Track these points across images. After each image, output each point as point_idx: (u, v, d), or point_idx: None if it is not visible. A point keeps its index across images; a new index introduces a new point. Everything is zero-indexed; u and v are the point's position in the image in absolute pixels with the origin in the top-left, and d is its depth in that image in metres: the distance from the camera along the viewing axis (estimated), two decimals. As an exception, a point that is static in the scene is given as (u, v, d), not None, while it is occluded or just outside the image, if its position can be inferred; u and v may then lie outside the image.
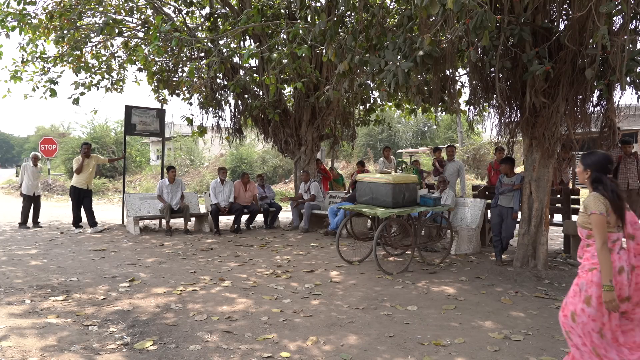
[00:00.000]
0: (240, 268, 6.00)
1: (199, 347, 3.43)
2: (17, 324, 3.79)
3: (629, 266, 2.66)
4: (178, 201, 8.96)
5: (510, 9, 4.98)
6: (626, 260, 2.67)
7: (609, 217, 2.66)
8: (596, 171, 2.78)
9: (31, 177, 9.37)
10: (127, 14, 9.07)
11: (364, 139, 32.07)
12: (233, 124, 10.26)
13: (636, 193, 6.81)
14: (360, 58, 5.37)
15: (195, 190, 18.04)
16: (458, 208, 7.60)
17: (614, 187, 2.71)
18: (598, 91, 5.45)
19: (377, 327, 3.89)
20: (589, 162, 2.82)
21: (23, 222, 9.25)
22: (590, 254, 2.74)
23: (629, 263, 2.67)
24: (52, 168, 21.23)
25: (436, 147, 10.02)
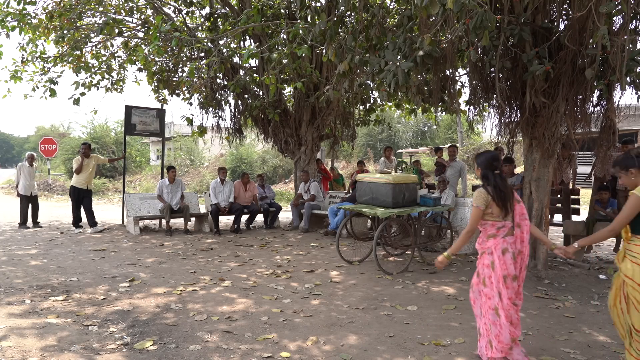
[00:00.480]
0: (240, 268, 6.00)
1: (199, 347, 3.43)
2: (17, 324, 3.79)
3: (513, 249, 3.07)
4: (178, 201, 8.96)
5: (510, 9, 4.97)
6: (511, 244, 3.08)
7: (491, 209, 3.10)
8: (484, 169, 3.15)
9: (27, 177, 9.35)
10: (127, 14, 9.07)
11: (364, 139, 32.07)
12: (233, 124, 10.26)
13: None
14: (360, 58, 5.37)
15: (195, 190, 18.04)
16: (458, 208, 7.60)
17: (497, 183, 3.09)
18: (598, 91, 5.45)
19: (377, 327, 3.89)
20: (478, 161, 3.22)
21: (23, 222, 9.25)
22: (481, 240, 3.20)
23: (514, 247, 3.09)
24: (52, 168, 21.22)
25: (437, 147, 10.03)
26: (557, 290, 5.10)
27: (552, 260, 6.39)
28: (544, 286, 5.26)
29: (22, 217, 9.26)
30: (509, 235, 3.11)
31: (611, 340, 3.70)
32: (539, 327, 3.97)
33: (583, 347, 3.55)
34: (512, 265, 3.05)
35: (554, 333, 3.83)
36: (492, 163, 3.15)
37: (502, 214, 3.09)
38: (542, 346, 3.55)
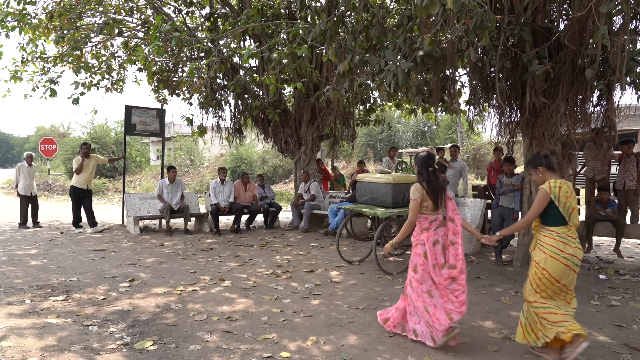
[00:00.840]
0: (240, 268, 6.00)
1: (199, 347, 3.43)
2: (17, 324, 3.79)
3: (444, 240, 3.51)
4: (178, 201, 8.96)
5: (510, 9, 4.98)
6: (442, 236, 3.52)
7: (425, 203, 3.54)
8: (419, 167, 3.63)
9: (27, 177, 9.35)
10: (127, 14, 9.08)
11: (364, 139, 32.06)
12: (233, 124, 10.26)
13: (633, 193, 6.80)
14: (360, 58, 5.37)
15: (195, 190, 18.05)
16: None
17: (429, 179, 3.56)
18: (598, 91, 5.45)
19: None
20: (416, 160, 3.71)
21: (23, 223, 9.25)
22: (416, 233, 3.60)
23: (446, 238, 3.52)
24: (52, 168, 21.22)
25: (439, 147, 10.03)
26: (557, 290, 5.09)
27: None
28: (544, 286, 5.26)
29: (22, 217, 9.26)
30: (441, 227, 3.54)
31: (611, 340, 3.70)
32: (539, 327, 3.97)
33: (583, 347, 3.55)
34: (442, 255, 3.50)
35: (554, 333, 3.82)
36: (427, 162, 3.62)
37: (434, 207, 3.54)
38: (542, 346, 3.55)
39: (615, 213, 6.53)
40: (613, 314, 4.37)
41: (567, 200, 3.24)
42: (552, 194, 3.24)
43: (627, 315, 4.31)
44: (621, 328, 3.99)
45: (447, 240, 3.53)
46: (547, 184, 3.29)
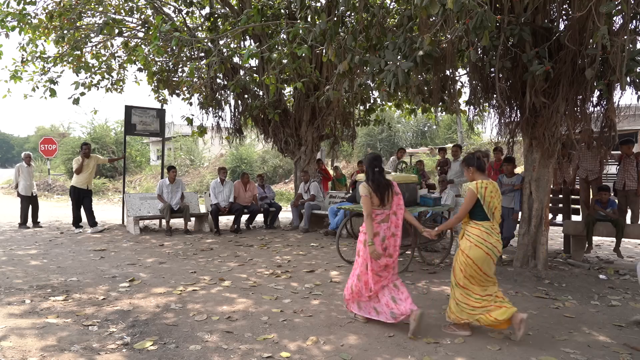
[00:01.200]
0: (240, 268, 6.00)
1: (199, 347, 3.43)
2: (17, 324, 3.79)
3: (385, 233, 3.90)
4: (178, 201, 8.96)
5: (510, 9, 4.98)
6: (385, 229, 3.90)
7: (373, 199, 3.85)
8: (367, 167, 3.95)
9: (27, 177, 9.35)
10: (127, 14, 9.08)
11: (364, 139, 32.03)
12: (233, 124, 10.26)
13: (634, 193, 6.80)
14: (360, 58, 5.37)
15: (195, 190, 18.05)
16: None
17: (375, 178, 3.89)
18: (598, 91, 5.45)
19: (377, 327, 3.89)
20: (364, 160, 4.12)
21: (23, 223, 9.26)
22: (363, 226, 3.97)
23: (388, 231, 3.91)
24: (52, 168, 21.22)
25: (441, 147, 10.04)
26: (557, 290, 5.10)
27: (552, 260, 6.39)
28: (544, 286, 5.26)
29: (23, 217, 9.27)
30: (384, 222, 3.91)
31: (611, 340, 3.70)
32: (539, 327, 3.97)
33: (583, 347, 3.55)
34: (380, 246, 3.87)
35: (554, 333, 3.83)
36: (373, 162, 3.95)
37: (381, 204, 3.88)
38: (542, 346, 3.55)
39: (615, 213, 6.53)
40: (613, 314, 4.37)
41: (492, 199, 3.64)
42: (479, 194, 3.63)
43: (627, 315, 4.31)
44: (621, 328, 3.99)
45: (389, 233, 3.92)
46: (475, 184, 3.67)
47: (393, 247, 3.93)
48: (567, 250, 7.11)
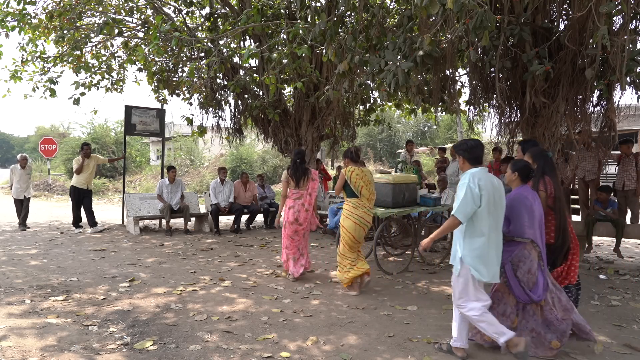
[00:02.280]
0: (240, 268, 6.00)
1: (199, 347, 3.43)
2: (17, 324, 3.79)
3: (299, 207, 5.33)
4: (178, 201, 8.96)
5: (510, 9, 4.98)
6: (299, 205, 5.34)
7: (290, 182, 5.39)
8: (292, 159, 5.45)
9: (19, 180, 9.07)
10: (127, 14, 9.07)
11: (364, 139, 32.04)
12: (233, 124, 10.25)
13: (633, 193, 6.81)
14: (360, 58, 5.38)
15: (195, 190, 18.04)
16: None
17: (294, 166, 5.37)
18: (598, 91, 5.45)
19: (377, 327, 3.89)
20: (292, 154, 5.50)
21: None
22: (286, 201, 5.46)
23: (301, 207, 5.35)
24: (52, 168, 21.22)
25: (441, 147, 10.05)
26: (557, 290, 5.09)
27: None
28: (544, 286, 5.26)
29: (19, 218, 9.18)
30: (299, 200, 5.37)
31: (611, 340, 3.70)
32: (539, 327, 3.97)
33: (583, 347, 3.55)
34: (293, 216, 5.31)
35: (554, 333, 3.82)
36: (296, 155, 5.43)
37: (296, 186, 5.38)
38: (542, 346, 3.54)
39: (615, 213, 6.53)
40: (613, 314, 4.37)
41: (357, 181, 4.87)
42: (347, 177, 4.92)
43: (627, 315, 4.31)
44: (621, 328, 3.99)
45: (303, 208, 5.36)
46: (344, 170, 4.96)
47: (304, 218, 5.36)
48: (567, 250, 7.09)
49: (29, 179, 9.36)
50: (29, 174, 9.36)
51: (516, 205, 3.45)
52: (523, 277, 3.38)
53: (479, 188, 3.18)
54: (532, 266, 3.37)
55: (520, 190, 3.50)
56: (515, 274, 3.39)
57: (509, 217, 3.45)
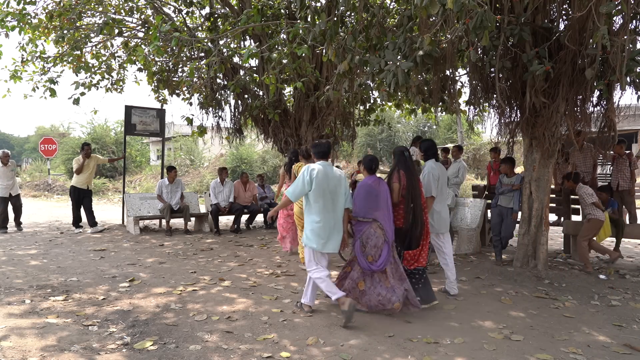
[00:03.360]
0: (240, 268, 6.00)
1: (199, 347, 3.43)
2: (17, 324, 3.79)
3: None
4: (178, 201, 8.96)
5: (510, 9, 4.97)
6: None
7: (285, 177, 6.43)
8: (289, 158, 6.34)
9: (3, 178, 8.64)
10: (127, 14, 9.07)
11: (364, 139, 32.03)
12: (233, 124, 10.25)
13: (627, 193, 6.82)
14: (360, 58, 5.37)
15: (195, 190, 18.04)
16: (458, 208, 7.60)
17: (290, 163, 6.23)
18: (598, 91, 5.45)
19: (377, 327, 3.89)
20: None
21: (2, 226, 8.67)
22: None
23: None
24: (52, 168, 21.22)
25: (444, 147, 10.05)
26: (557, 290, 5.10)
27: (552, 260, 6.39)
28: (544, 286, 5.26)
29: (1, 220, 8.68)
30: None
31: (611, 340, 3.70)
32: (539, 327, 3.97)
33: (583, 347, 3.55)
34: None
35: (554, 333, 3.83)
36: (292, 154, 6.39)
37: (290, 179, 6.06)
38: (541, 346, 3.55)
39: (615, 213, 6.53)
40: (613, 314, 4.37)
41: None
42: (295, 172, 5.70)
43: (627, 315, 4.31)
44: (621, 328, 3.99)
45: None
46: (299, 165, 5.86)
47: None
48: (567, 250, 7.10)
49: (13, 176, 8.88)
50: (13, 171, 8.86)
51: (361, 192, 4.18)
52: (370, 251, 4.10)
53: (310, 176, 4.03)
54: (378, 242, 4.08)
55: (367, 179, 4.26)
56: (365, 249, 4.11)
57: (355, 201, 4.21)
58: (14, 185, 8.89)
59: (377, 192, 4.15)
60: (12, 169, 8.90)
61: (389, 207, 4.16)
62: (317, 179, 4.02)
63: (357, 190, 4.23)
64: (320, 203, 4.05)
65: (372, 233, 4.10)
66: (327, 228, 4.06)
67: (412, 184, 4.27)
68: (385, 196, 4.16)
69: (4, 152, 8.92)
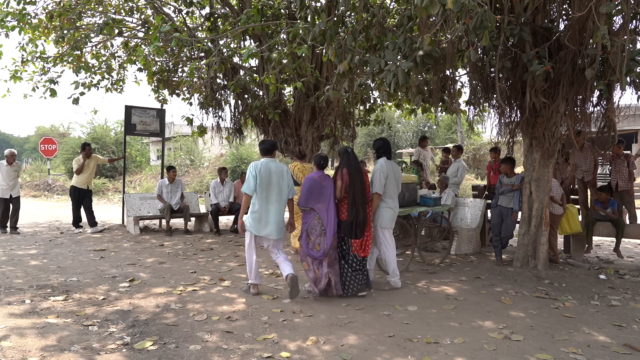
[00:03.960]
0: (240, 268, 6.00)
1: (199, 347, 3.43)
2: (17, 324, 3.79)
3: None
4: (178, 201, 8.96)
5: (510, 9, 4.98)
6: None
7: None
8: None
9: (6, 177, 8.47)
10: (127, 14, 9.07)
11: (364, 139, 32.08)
12: (233, 124, 10.24)
13: (627, 193, 6.82)
14: (360, 58, 5.37)
15: (195, 190, 18.04)
16: (458, 208, 7.60)
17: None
18: (598, 91, 5.45)
19: (377, 327, 3.89)
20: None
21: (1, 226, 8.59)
22: None
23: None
24: (52, 168, 21.22)
25: (445, 147, 10.07)
26: (557, 290, 5.10)
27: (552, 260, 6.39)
28: (544, 286, 5.26)
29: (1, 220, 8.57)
30: None
31: (611, 340, 3.70)
32: (539, 327, 3.97)
33: (583, 347, 3.55)
34: None
35: (554, 333, 3.83)
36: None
37: None
38: (541, 346, 3.55)
39: (615, 213, 6.54)
40: (613, 314, 4.37)
41: (297, 173, 6.43)
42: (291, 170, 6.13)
43: (627, 315, 4.31)
44: (621, 328, 3.99)
45: None
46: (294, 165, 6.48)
47: None
48: (567, 250, 7.10)
49: (16, 177, 8.71)
50: (16, 171, 8.70)
51: (306, 185, 4.70)
52: (316, 240, 4.65)
53: (254, 171, 4.61)
54: (320, 232, 4.63)
55: (314, 174, 4.78)
56: (309, 239, 4.68)
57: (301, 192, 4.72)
58: (15, 186, 8.72)
59: (320, 186, 4.68)
60: (16, 169, 8.72)
61: (331, 200, 4.67)
62: (260, 173, 4.64)
63: (303, 183, 4.78)
64: (261, 194, 4.67)
65: (315, 225, 4.65)
66: (264, 216, 4.69)
67: (353, 181, 4.67)
68: (329, 191, 4.68)
69: (11, 152, 8.78)
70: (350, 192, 4.67)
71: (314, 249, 4.65)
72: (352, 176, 4.70)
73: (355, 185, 4.68)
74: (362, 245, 4.75)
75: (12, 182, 8.59)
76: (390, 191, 5.04)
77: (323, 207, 4.64)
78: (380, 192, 4.97)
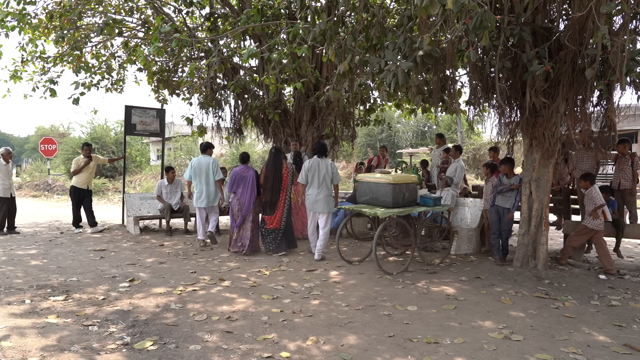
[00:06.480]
0: (240, 268, 6.00)
1: (199, 347, 3.43)
2: (17, 323, 3.79)
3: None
4: (178, 201, 8.95)
5: (510, 9, 4.97)
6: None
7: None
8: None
9: (4, 176, 8.26)
10: (127, 14, 9.07)
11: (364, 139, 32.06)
12: (233, 124, 10.25)
13: (629, 193, 6.82)
14: (360, 58, 5.37)
15: (195, 190, 18.00)
16: (458, 208, 7.60)
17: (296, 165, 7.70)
18: (598, 91, 5.45)
19: (377, 327, 3.89)
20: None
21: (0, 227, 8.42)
22: None
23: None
24: (52, 168, 21.22)
25: (446, 148, 10.08)
26: (557, 290, 5.10)
27: (552, 260, 6.39)
28: (544, 286, 5.26)
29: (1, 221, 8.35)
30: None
31: (611, 340, 3.71)
32: (538, 327, 3.98)
33: (583, 347, 3.55)
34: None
35: (554, 333, 3.83)
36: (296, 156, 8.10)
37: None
38: (541, 346, 3.55)
39: (616, 213, 6.53)
40: (613, 314, 4.37)
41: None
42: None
43: (627, 315, 4.31)
44: (621, 328, 4.00)
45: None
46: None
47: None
48: (567, 250, 7.09)
49: (12, 175, 8.60)
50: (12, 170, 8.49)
51: (232, 175, 6.80)
52: (237, 213, 6.75)
53: (191, 165, 7.29)
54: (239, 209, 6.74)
55: (237, 168, 6.85)
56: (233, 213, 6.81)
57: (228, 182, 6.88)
58: (12, 184, 8.61)
59: (241, 177, 6.73)
60: (13, 167, 8.57)
61: (252, 187, 6.68)
62: (194, 166, 7.30)
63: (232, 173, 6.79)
64: (197, 180, 7.30)
65: (235, 203, 6.79)
66: (199, 193, 7.32)
67: (267, 174, 6.70)
68: (250, 181, 6.68)
69: (7, 149, 8.59)
70: (266, 182, 6.70)
71: (234, 220, 6.75)
72: (267, 170, 6.74)
73: (269, 177, 6.70)
74: (272, 221, 6.70)
75: (10, 181, 8.49)
76: (313, 181, 6.53)
77: (243, 191, 6.72)
78: (303, 183, 6.57)
